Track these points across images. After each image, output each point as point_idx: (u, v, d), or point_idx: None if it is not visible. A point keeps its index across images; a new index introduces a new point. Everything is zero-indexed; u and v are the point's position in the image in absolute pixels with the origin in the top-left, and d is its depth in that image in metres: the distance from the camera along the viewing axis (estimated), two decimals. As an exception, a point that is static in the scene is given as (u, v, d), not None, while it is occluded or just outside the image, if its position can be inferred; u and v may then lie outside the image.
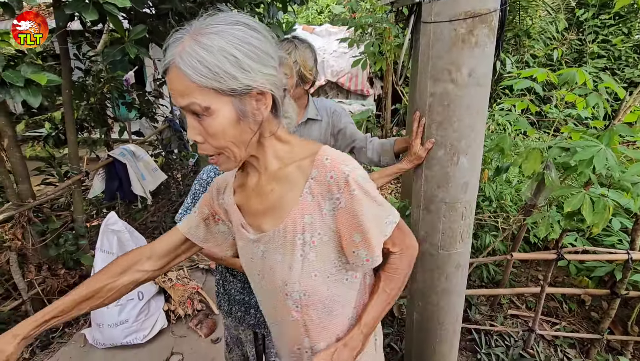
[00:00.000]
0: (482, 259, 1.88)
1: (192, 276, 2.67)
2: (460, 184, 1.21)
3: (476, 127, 1.15)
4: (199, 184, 1.09)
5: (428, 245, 1.33)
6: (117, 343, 1.96)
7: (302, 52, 1.44)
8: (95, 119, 3.34)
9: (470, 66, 1.07)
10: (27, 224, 2.14)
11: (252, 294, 1.22)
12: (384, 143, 1.49)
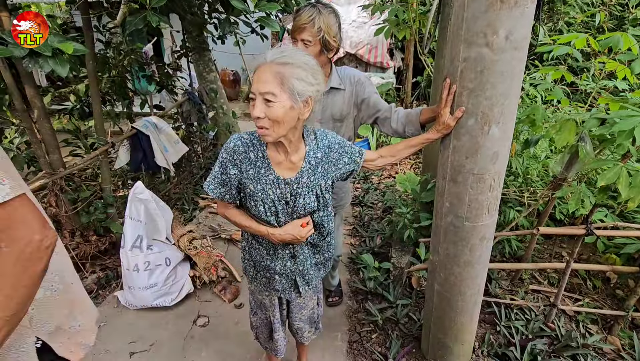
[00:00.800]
0: (507, 233, 1.85)
1: (215, 245, 2.77)
2: (489, 154, 1.18)
3: (510, 94, 1.10)
4: (225, 153, 1.11)
5: (452, 217, 1.32)
6: (148, 305, 2.08)
7: (326, 17, 1.38)
8: (117, 91, 3.38)
9: (507, 28, 1.01)
10: (60, 193, 2.24)
11: (277, 260, 1.25)
12: (410, 113, 1.45)
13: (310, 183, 1.14)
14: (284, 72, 0.96)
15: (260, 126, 0.99)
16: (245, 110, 7.17)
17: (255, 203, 1.13)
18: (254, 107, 0.98)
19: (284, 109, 0.97)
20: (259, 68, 0.99)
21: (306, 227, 1.16)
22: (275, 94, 0.96)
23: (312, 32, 1.36)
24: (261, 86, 0.96)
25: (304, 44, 1.39)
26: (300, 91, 0.97)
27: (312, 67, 1.00)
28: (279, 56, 0.97)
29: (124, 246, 2.02)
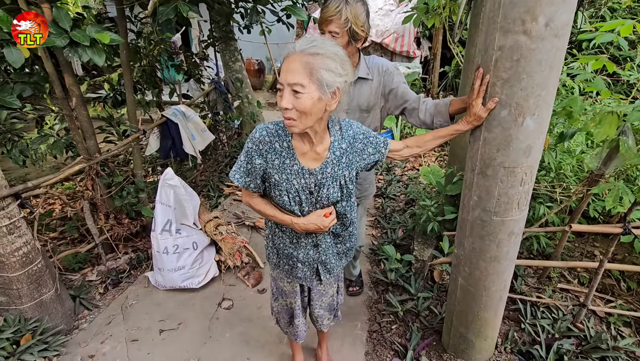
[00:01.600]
0: (537, 229, 1.79)
1: (239, 232, 2.84)
2: (522, 147, 1.14)
3: (548, 85, 1.06)
4: (251, 142, 1.12)
5: (480, 211, 1.29)
6: (176, 286, 2.17)
7: (354, 7, 1.36)
8: (147, 80, 3.49)
9: (548, 15, 0.96)
10: (96, 177, 2.36)
11: (300, 249, 1.27)
12: (438, 104, 1.41)
13: (334, 174, 1.14)
14: (314, 62, 0.94)
15: (287, 117, 0.99)
16: (270, 100, 7.22)
17: (280, 193, 1.15)
18: (281, 97, 0.98)
19: (312, 100, 0.96)
20: (288, 58, 0.97)
21: (329, 217, 1.17)
22: (304, 85, 0.95)
23: (339, 23, 1.35)
24: (290, 76, 0.95)
25: (331, 36, 1.38)
26: (329, 82, 0.96)
27: (341, 57, 0.99)
28: (308, 46, 0.96)
29: (155, 230, 2.11)
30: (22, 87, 1.84)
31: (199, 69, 3.87)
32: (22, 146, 2.47)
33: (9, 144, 2.68)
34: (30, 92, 1.88)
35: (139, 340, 1.90)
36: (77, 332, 1.94)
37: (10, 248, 1.63)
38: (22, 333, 1.72)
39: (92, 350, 1.83)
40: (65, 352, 1.81)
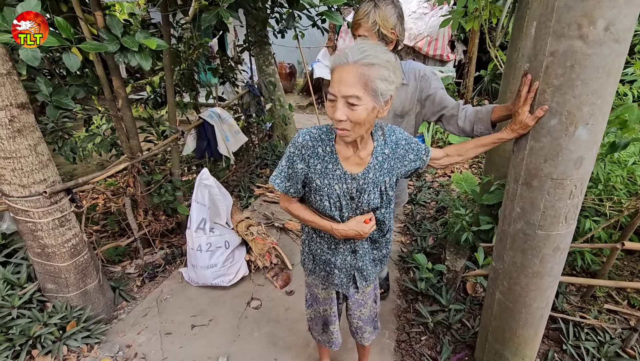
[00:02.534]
0: (584, 245, 1.68)
1: (269, 233, 2.88)
2: (573, 158, 1.07)
3: (605, 93, 0.99)
4: (293, 147, 1.12)
5: (523, 223, 1.23)
6: (208, 283, 2.24)
7: (383, 11, 1.36)
8: (185, 83, 3.63)
9: (608, 18, 0.90)
10: (137, 175, 2.49)
11: (338, 255, 1.26)
12: (480, 111, 1.36)
13: (375, 179, 1.13)
14: (369, 73, 0.92)
15: (341, 128, 0.98)
16: (300, 102, 7.29)
17: (321, 198, 1.15)
18: (334, 108, 0.96)
19: (367, 111, 0.95)
20: (341, 69, 0.94)
21: (369, 223, 1.16)
22: (360, 97, 0.93)
23: (367, 26, 1.36)
24: (344, 88, 0.93)
25: (361, 40, 1.38)
26: (383, 91, 0.95)
27: (393, 64, 0.97)
28: (362, 56, 0.93)
29: (190, 227, 2.18)
30: (76, 89, 1.98)
31: (234, 73, 3.98)
32: (72, 144, 2.65)
33: (60, 142, 2.88)
34: (83, 94, 2.01)
35: (172, 333, 1.97)
36: (116, 322, 2.05)
37: (61, 240, 1.74)
38: (68, 320, 1.83)
39: (129, 340, 1.92)
40: (105, 340, 1.91)
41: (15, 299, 1.77)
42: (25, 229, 1.71)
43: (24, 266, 1.94)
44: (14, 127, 1.52)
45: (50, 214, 1.68)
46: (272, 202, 3.45)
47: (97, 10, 2.03)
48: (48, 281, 1.84)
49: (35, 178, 1.62)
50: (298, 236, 2.88)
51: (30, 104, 1.64)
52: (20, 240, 2.06)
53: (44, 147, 1.68)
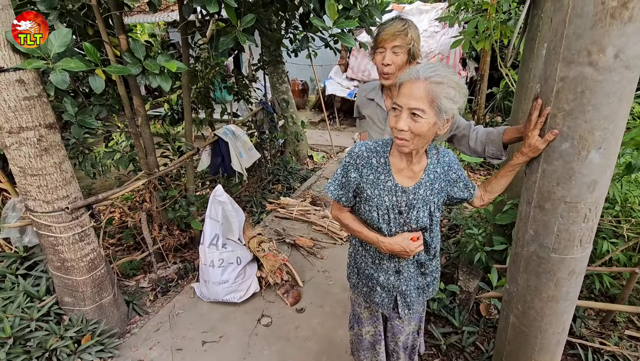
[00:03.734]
0: (601, 269, 1.64)
1: (279, 249, 2.90)
2: (586, 182, 1.07)
3: (617, 118, 0.99)
4: (349, 157, 1.18)
5: (536, 246, 1.22)
6: (219, 299, 2.25)
7: (414, 29, 1.44)
8: (202, 101, 3.75)
9: (618, 46, 0.92)
10: (153, 190, 2.56)
11: (381, 272, 1.27)
12: (491, 132, 1.38)
13: (425, 197, 1.16)
14: (437, 91, 0.99)
15: (401, 138, 1.04)
16: (312, 118, 7.40)
17: (370, 208, 1.18)
18: (397, 118, 1.03)
19: (429, 125, 1.01)
20: (412, 83, 1.01)
21: (416, 241, 1.17)
22: (425, 110, 0.99)
23: (405, 40, 1.41)
24: (412, 101, 1.00)
25: (393, 52, 1.42)
26: (447, 109, 1.00)
27: (460, 86, 1.03)
28: (432, 74, 1.00)
29: (203, 243, 2.22)
30: (99, 108, 2.08)
31: (248, 91, 4.10)
32: (92, 160, 2.75)
33: (81, 157, 2.99)
34: (105, 113, 2.11)
35: (183, 349, 1.98)
36: (129, 336, 2.07)
37: (80, 254, 1.80)
38: (83, 333, 1.87)
39: (142, 354, 1.94)
40: (118, 355, 1.93)
41: (34, 312, 1.82)
42: (47, 243, 1.77)
43: (43, 279, 2.00)
44: (41, 146, 1.60)
45: (71, 229, 1.74)
46: (283, 218, 3.48)
47: (121, 34, 2.15)
48: (66, 294, 1.89)
49: (59, 194, 1.69)
50: (309, 253, 2.89)
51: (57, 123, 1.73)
52: (41, 253, 2.13)
53: (68, 165, 1.75)
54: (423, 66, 1.03)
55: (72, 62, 1.40)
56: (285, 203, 3.58)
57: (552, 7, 1.05)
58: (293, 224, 3.37)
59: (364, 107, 1.67)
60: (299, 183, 4.32)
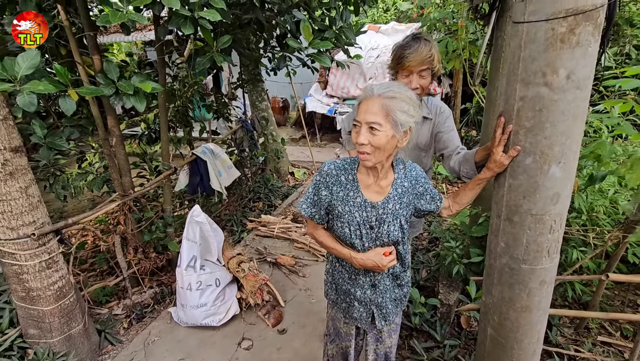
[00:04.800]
0: (571, 277, 1.70)
1: (260, 269, 2.85)
2: (549, 195, 1.12)
3: (573, 133, 1.06)
4: (319, 175, 1.23)
5: (508, 258, 1.26)
6: (197, 323, 2.18)
7: (437, 50, 1.47)
8: (180, 119, 3.72)
9: (569, 68, 0.98)
10: (128, 212, 2.48)
11: (357, 287, 1.29)
12: (467, 153, 1.45)
13: (395, 211, 1.20)
14: (391, 105, 1.06)
15: (362, 152, 1.10)
16: (293, 135, 7.44)
17: (342, 225, 1.21)
18: (358, 134, 1.09)
19: (387, 137, 1.07)
20: (367, 100, 1.09)
21: (389, 256, 1.20)
22: (381, 124, 1.06)
23: (432, 64, 1.44)
24: (369, 116, 1.07)
25: (420, 76, 1.45)
26: (402, 122, 1.07)
27: (414, 101, 1.10)
28: (386, 90, 1.08)
29: (180, 266, 2.16)
30: (70, 130, 2.02)
31: (228, 109, 4.10)
32: (63, 182, 2.65)
33: (51, 179, 2.88)
34: (77, 134, 2.05)
35: (158, 378, 1.89)
36: (100, 368, 1.97)
37: (47, 282, 1.71)
38: (49, 367, 1.76)
39: (113, 387, 1.84)
40: (88, 388, 1.82)
41: (-5, 347, 1.70)
42: (10, 272, 1.68)
43: (6, 311, 1.88)
44: (6, 170, 1.53)
45: (37, 256, 1.66)
46: (264, 236, 3.43)
47: (95, 54, 2.12)
48: (31, 326, 1.78)
49: (25, 220, 1.62)
50: (291, 271, 2.85)
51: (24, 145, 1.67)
52: (4, 283, 2.02)
53: (35, 189, 1.69)
54: (377, 85, 1.11)
55: (41, 84, 1.37)
56: (266, 221, 3.55)
57: (509, 32, 1.12)
58: (274, 242, 3.33)
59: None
60: (280, 200, 4.30)
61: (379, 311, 1.32)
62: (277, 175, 4.79)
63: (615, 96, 3.06)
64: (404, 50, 1.44)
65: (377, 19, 8.60)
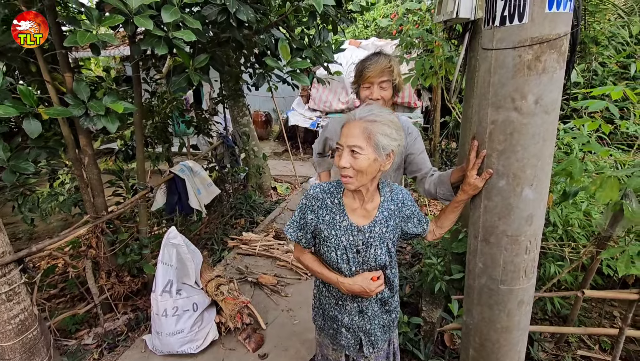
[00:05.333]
0: (548, 294, 1.72)
1: (241, 289, 2.77)
2: (524, 216, 1.13)
3: (543, 155, 1.08)
4: (305, 199, 1.21)
5: (486, 279, 1.25)
6: (174, 351, 2.08)
7: (398, 65, 1.51)
8: (158, 136, 3.64)
9: (536, 94, 1.01)
10: (101, 235, 2.37)
11: (344, 313, 1.26)
12: (442, 174, 1.45)
13: (382, 235, 1.18)
14: (372, 128, 1.06)
15: (344, 175, 1.08)
16: (276, 149, 7.42)
17: (328, 249, 1.19)
18: (340, 157, 1.08)
19: (368, 160, 1.06)
20: (349, 124, 1.09)
21: (376, 281, 1.17)
22: (362, 147, 1.05)
23: (392, 75, 1.47)
24: (350, 139, 1.07)
25: (380, 87, 1.47)
26: (384, 145, 1.06)
27: (396, 124, 1.10)
28: (367, 114, 1.08)
29: (155, 291, 2.07)
30: (37, 152, 1.93)
31: (208, 124, 4.04)
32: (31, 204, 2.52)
33: (20, 199, 2.73)
34: (45, 156, 1.96)
35: (130, 414, 1.78)
36: (66, 405, 1.84)
37: (7, 316, 1.60)
38: (9, 408, 1.63)
39: None
40: None
41: (-53, 388, 1.56)
42: (-33, 306, 1.56)
43: (-38, 347, 1.74)
44: (-37, 197, 1.44)
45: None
46: (246, 254, 3.36)
47: (67, 72, 2.05)
48: (-11, 363, 1.65)
49: (-17, 249, 1.51)
50: (273, 291, 2.78)
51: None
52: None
53: (-4, 215, 1.59)
54: (360, 109, 1.11)
55: (1, 107, 1.31)
56: (247, 239, 3.48)
57: (480, 57, 1.15)
58: (256, 260, 3.26)
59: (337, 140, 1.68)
60: (262, 216, 4.24)
61: (367, 338, 1.29)
62: (260, 190, 4.73)
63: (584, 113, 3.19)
64: (365, 62, 1.50)
65: (358, 35, 8.79)
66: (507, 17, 0.97)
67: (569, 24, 0.97)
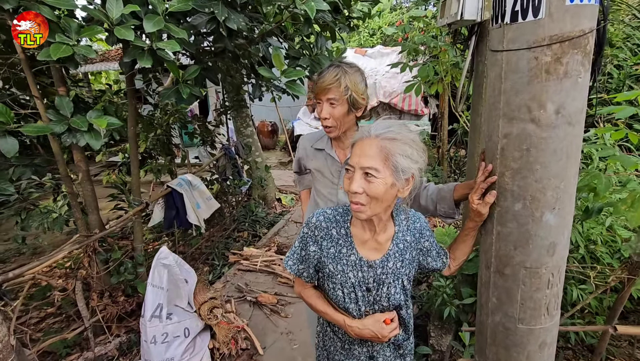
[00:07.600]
0: (573, 328, 1.53)
1: (240, 309, 2.64)
2: (544, 245, 0.97)
3: (567, 175, 0.92)
4: (307, 228, 1.04)
5: (502, 316, 1.09)
6: (163, 381, 1.94)
7: (352, 76, 1.32)
8: (161, 148, 3.58)
9: (557, 102, 0.86)
10: (93, 254, 2.28)
11: (352, 358, 1.10)
12: (442, 189, 1.28)
13: (396, 270, 1.01)
14: (390, 147, 0.89)
15: (356, 202, 0.91)
16: (282, 159, 7.33)
17: (334, 286, 1.02)
18: (350, 180, 0.91)
19: (385, 186, 0.89)
20: (362, 141, 0.92)
21: (390, 324, 1.00)
22: (379, 169, 0.88)
23: (339, 91, 1.29)
24: (364, 160, 0.89)
25: (330, 104, 1.32)
26: (404, 167, 0.90)
27: (418, 144, 0.93)
28: (385, 131, 0.91)
29: (144, 316, 1.95)
30: (22, 170, 1.85)
31: (212, 136, 3.97)
32: (24, 223, 2.44)
33: (23, 213, 2.65)
34: (30, 174, 1.88)
35: None
36: None
37: (-20, 347, 1.49)
38: None
39: None
40: None
41: None
42: (-61, 336, 1.46)
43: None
44: None
45: (-30, 316, 1.45)
46: (247, 270, 3.23)
47: (61, 86, 1.98)
48: (-36, 396, 1.55)
49: (-45, 276, 1.42)
50: (273, 311, 2.64)
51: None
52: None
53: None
54: (375, 124, 0.94)
55: (-32, 126, 1.22)
56: (248, 254, 3.35)
57: (489, 61, 1.00)
58: (257, 277, 3.13)
59: (310, 159, 1.51)
60: (266, 228, 4.11)
61: None
62: (264, 202, 4.62)
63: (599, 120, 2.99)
64: (317, 76, 1.36)
65: (364, 44, 8.71)
66: (520, 13, 0.83)
67: (595, 18, 0.82)
